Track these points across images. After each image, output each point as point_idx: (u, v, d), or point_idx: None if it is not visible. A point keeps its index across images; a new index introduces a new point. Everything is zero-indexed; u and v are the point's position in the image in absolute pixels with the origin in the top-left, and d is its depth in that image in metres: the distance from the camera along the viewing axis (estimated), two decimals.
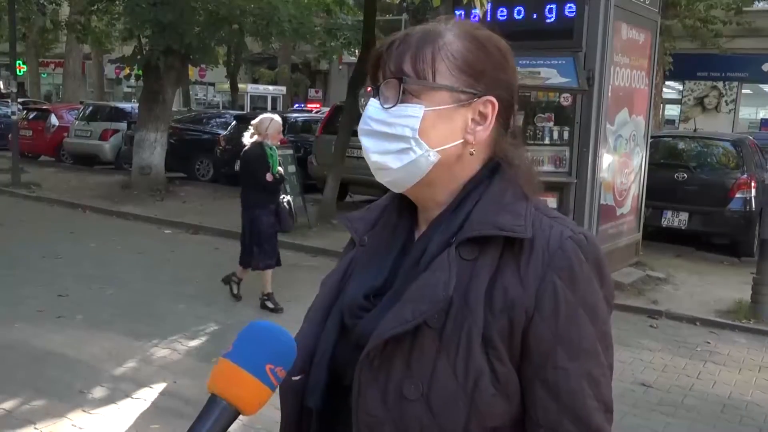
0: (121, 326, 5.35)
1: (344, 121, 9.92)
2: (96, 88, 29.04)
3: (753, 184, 8.57)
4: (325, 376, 1.05)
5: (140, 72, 12.54)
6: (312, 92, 29.97)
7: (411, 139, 1.01)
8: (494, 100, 1.03)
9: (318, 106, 23.72)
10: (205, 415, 0.90)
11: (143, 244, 8.39)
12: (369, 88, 1.10)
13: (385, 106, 1.03)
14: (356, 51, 12.30)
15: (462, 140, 1.03)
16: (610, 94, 6.55)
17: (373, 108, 1.05)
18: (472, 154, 1.05)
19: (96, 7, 13.25)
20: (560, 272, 0.97)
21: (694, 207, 8.73)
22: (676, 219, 8.80)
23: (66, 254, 7.59)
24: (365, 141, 1.06)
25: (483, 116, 1.04)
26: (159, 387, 4.26)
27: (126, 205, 10.84)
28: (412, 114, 1.01)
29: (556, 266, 0.97)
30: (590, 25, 6.26)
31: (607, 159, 6.85)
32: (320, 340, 1.07)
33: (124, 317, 5.57)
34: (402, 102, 1.02)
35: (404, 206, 1.12)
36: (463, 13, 6.60)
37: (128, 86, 24.35)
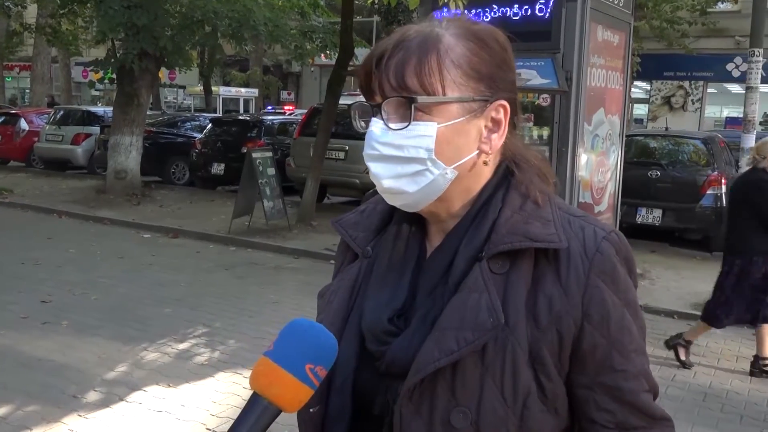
0: (109, 331, 5.33)
1: (322, 123, 9.95)
2: (63, 92, 28.57)
3: (723, 180, 8.81)
4: (350, 404, 0.99)
5: (111, 75, 12.41)
6: (284, 94, 29.89)
7: (427, 161, 0.94)
8: (506, 103, 0.98)
9: (292, 108, 23.68)
10: (247, 413, 0.90)
11: (123, 249, 8.33)
12: (360, 103, 1.00)
13: (394, 127, 0.94)
14: (332, 53, 12.30)
15: (477, 151, 0.97)
16: (587, 94, 6.70)
17: (378, 130, 0.95)
18: (486, 163, 0.99)
19: (67, 9, 13.05)
20: (603, 276, 0.95)
21: (667, 204, 8.95)
22: (650, 216, 9.01)
23: (45, 260, 7.50)
24: (374, 167, 0.96)
25: (496, 122, 0.98)
26: (153, 390, 4.27)
27: (102, 209, 10.73)
28: (425, 134, 0.93)
29: (597, 270, 0.95)
30: (567, 27, 6.40)
31: (584, 158, 7.00)
32: (336, 365, 0.96)
33: (111, 322, 5.54)
34: (412, 121, 0.93)
35: (413, 216, 1.04)
36: (440, 14, 6.69)
37: (96, 89, 23.98)
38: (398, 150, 0.94)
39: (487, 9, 6.81)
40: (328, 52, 12.47)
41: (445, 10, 5.97)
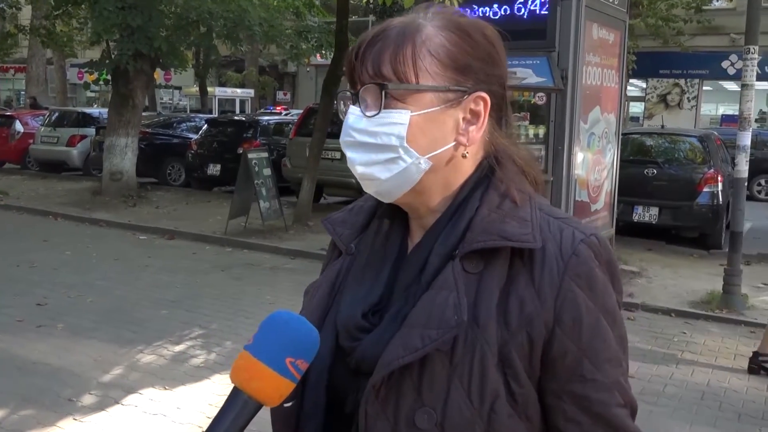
0: (105, 333, 5.30)
1: (318, 122, 9.93)
2: (58, 93, 28.51)
3: (719, 178, 8.82)
4: (323, 401, 0.98)
5: (106, 76, 12.38)
6: (280, 94, 29.87)
7: (399, 148, 0.94)
8: (485, 95, 0.96)
9: (283, 108, 23.66)
10: (227, 408, 0.89)
11: (119, 251, 8.30)
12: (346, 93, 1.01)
13: (367, 114, 0.95)
14: (327, 53, 12.28)
15: (454, 143, 0.96)
16: (583, 92, 6.70)
17: (354, 117, 0.96)
18: (465, 156, 0.97)
19: (61, 11, 13.01)
20: (578, 280, 0.91)
21: (663, 202, 8.95)
22: (646, 214, 9.01)
23: (40, 262, 7.47)
24: (349, 153, 0.98)
25: (475, 114, 0.96)
26: (148, 393, 4.24)
27: (98, 211, 10.70)
28: (397, 121, 0.93)
29: (572, 273, 0.92)
30: (563, 25, 6.39)
31: (581, 156, 6.99)
32: (312, 361, 0.96)
33: (107, 324, 5.52)
34: (385, 108, 0.93)
35: (396, 212, 1.03)
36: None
37: (92, 91, 23.94)
38: (371, 137, 0.95)
39: (482, 7, 6.80)
40: (323, 51, 12.45)
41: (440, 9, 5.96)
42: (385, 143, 0.94)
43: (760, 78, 7.81)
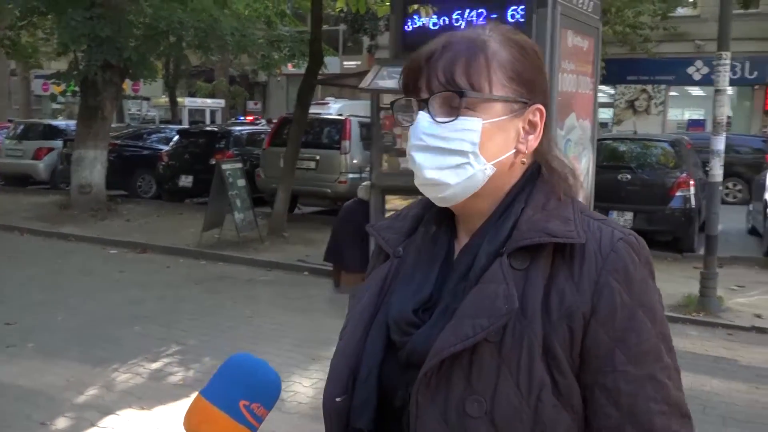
0: (77, 353, 5.14)
1: (293, 132, 9.83)
2: (22, 105, 27.92)
3: (692, 182, 8.94)
4: (374, 396, 1.01)
5: (74, 87, 12.13)
6: (251, 104, 29.66)
7: (470, 154, 0.99)
8: (542, 107, 1.03)
9: (252, 118, 23.47)
10: None
11: (89, 266, 8.10)
12: (405, 101, 1.05)
13: (441, 120, 0.99)
14: (300, 62, 12.20)
15: (514, 150, 1.02)
16: (559, 99, 6.71)
17: (425, 122, 1.00)
18: (523, 162, 1.04)
19: (27, 21, 12.73)
20: (615, 274, 0.95)
21: (638, 206, 9.03)
22: (621, 219, 9.07)
23: (8, 280, 7.24)
24: (418, 157, 1.01)
25: (532, 125, 1.03)
26: (126, 414, 4.11)
27: (66, 225, 10.44)
28: (471, 128, 0.99)
29: (610, 268, 0.95)
30: (538, 32, 6.39)
31: None
32: (363, 358, 1.02)
33: (79, 343, 5.35)
34: (460, 115, 0.99)
35: (443, 218, 1.09)
36: (412, 22, 6.65)
37: (58, 102, 23.48)
38: (443, 141, 0.99)
39: (457, 16, 6.79)
40: (296, 61, 12.36)
41: (416, 17, 5.93)
42: (457, 149, 0.99)
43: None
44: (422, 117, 1.00)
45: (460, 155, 0.99)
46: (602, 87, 22.12)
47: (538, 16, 6.35)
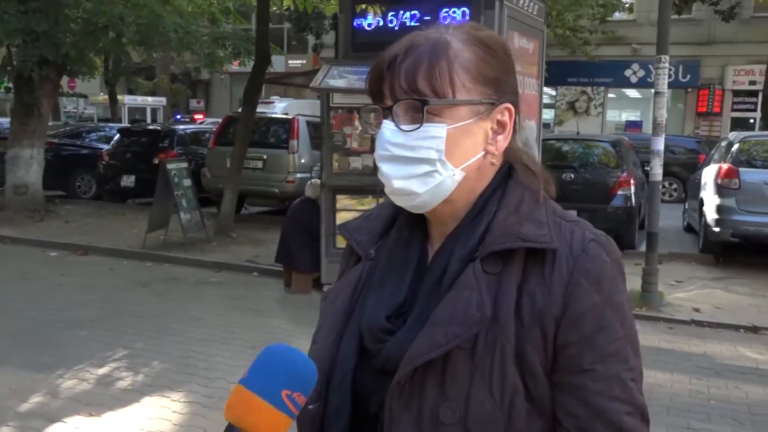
0: (19, 359, 4.95)
1: (240, 132, 9.70)
2: None
3: (632, 181, 9.23)
4: (348, 402, 1.00)
5: (7, 83, 11.67)
6: (193, 103, 29.10)
7: (437, 162, 0.96)
8: (511, 106, 1.01)
9: (202, 116, 23.07)
10: None
11: (28, 269, 7.80)
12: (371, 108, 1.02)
13: (405, 128, 0.96)
14: (245, 60, 12.05)
15: (483, 152, 1.00)
16: None
17: (389, 131, 0.97)
18: (493, 164, 1.02)
19: None
20: (586, 274, 0.95)
21: (581, 205, 9.22)
22: None
23: None
24: (385, 167, 0.98)
25: (501, 124, 1.00)
26: (73, 421, 3.97)
27: (2, 227, 10.01)
28: (436, 134, 0.96)
29: (581, 269, 0.95)
30: None
31: None
32: (336, 363, 1.01)
33: (21, 349, 5.15)
34: (424, 122, 0.96)
35: (415, 221, 1.06)
36: (362, 22, 6.67)
37: None
38: (409, 151, 0.97)
39: (404, 16, 6.83)
40: (241, 59, 12.20)
41: (369, 15, 5.94)
42: (423, 157, 0.97)
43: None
44: (386, 126, 0.98)
45: (426, 163, 0.96)
46: (544, 88, 22.61)
47: (486, 17, 6.47)
